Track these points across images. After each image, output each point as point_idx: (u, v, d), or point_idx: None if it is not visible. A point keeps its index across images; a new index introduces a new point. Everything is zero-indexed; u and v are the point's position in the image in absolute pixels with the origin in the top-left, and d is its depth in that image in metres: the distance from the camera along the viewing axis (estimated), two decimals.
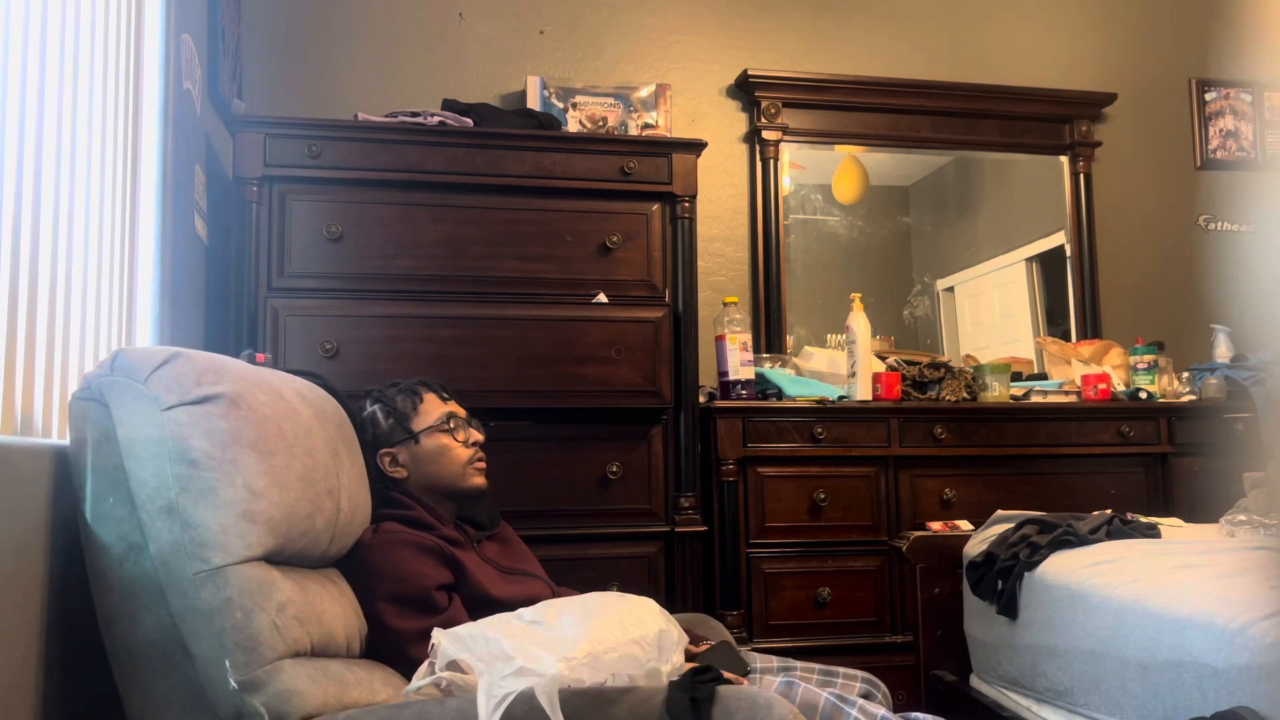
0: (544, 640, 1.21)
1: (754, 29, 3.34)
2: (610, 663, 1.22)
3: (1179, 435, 2.90)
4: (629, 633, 1.27)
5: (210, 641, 1.17)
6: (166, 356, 1.25)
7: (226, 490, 1.21)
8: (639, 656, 1.25)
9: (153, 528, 1.19)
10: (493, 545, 1.75)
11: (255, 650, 1.18)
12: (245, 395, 1.29)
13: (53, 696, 1.22)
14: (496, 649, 1.17)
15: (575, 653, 1.20)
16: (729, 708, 1.16)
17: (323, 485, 1.39)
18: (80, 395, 1.26)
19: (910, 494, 2.73)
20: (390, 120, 2.52)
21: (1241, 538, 2.18)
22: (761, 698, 1.18)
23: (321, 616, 1.33)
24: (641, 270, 2.56)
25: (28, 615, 1.17)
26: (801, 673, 1.67)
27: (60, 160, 1.51)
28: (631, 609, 1.34)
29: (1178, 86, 3.67)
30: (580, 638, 1.23)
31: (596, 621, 1.27)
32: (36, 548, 1.20)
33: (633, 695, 1.18)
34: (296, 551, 1.33)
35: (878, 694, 1.68)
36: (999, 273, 3.50)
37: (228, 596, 1.18)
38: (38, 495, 1.22)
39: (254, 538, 1.22)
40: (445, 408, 1.77)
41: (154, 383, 1.22)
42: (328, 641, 1.33)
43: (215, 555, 1.19)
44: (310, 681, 1.22)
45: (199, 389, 1.24)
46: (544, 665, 1.14)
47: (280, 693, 1.18)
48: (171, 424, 1.21)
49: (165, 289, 1.96)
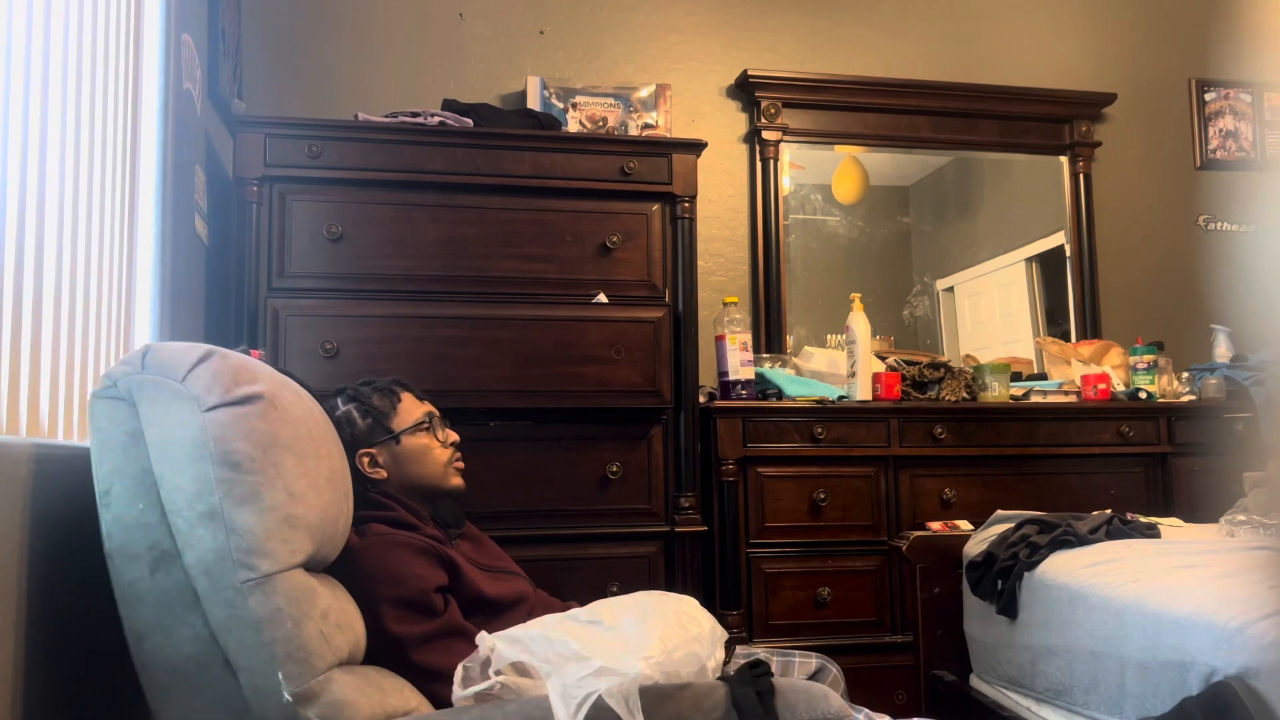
0: (614, 640, 1.20)
1: (754, 29, 3.34)
2: (679, 660, 1.23)
3: (1179, 435, 2.90)
4: (688, 630, 1.29)
5: (259, 653, 1.11)
6: (203, 354, 1.18)
7: (270, 494, 1.15)
8: (700, 654, 1.27)
9: (191, 535, 1.12)
10: (466, 544, 1.74)
11: (308, 661, 1.13)
12: (278, 395, 1.24)
13: (34, 703, 1.15)
14: (564, 649, 1.15)
15: (651, 651, 1.20)
16: (789, 700, 1.20)
17: (341, 487, 1.37)
18: (103, 393, 1.17)
19: (910, 494, 2.73)
20: (390, 120, 2.52)
21: (1241, 538, 2.18)
22: (818, 689, 1.23)
23: (352, 623, 1.30)
24: (641, 270, 2.56)
25: (8, 621, 1.10)
26: (763, 656, 1.70)
27: (62, 160, 1.50)
28: (683, 607, 1.35)
29: (1178, 86, 3.67)
30: (651, 636, 1.22)
31: (658, 620, 1.27)
32: (11, 550, 1.12)
33: (691, 690, 1.19)
34: (322, 557, 1.29)
35: (832, 670, 1.71)
36: (999, 273, 3.50)
37: (277, 605, 1.12)
38: (14, 495, 1.13)
39: (297, 543, 1.18)
40: (423, 407, 1.75)
41: (192, 382, 1.15)
42: (356, 648, 1.30)
43: (263, 562, 1.12)
44: (358, 691, 1.19)
45: (239, 388, 1.17)
46: (626, 664, 1.14)
47: (333, 703, 1.14)
48: (214, 425, 1.13)
49: (165, 289, 1.96)
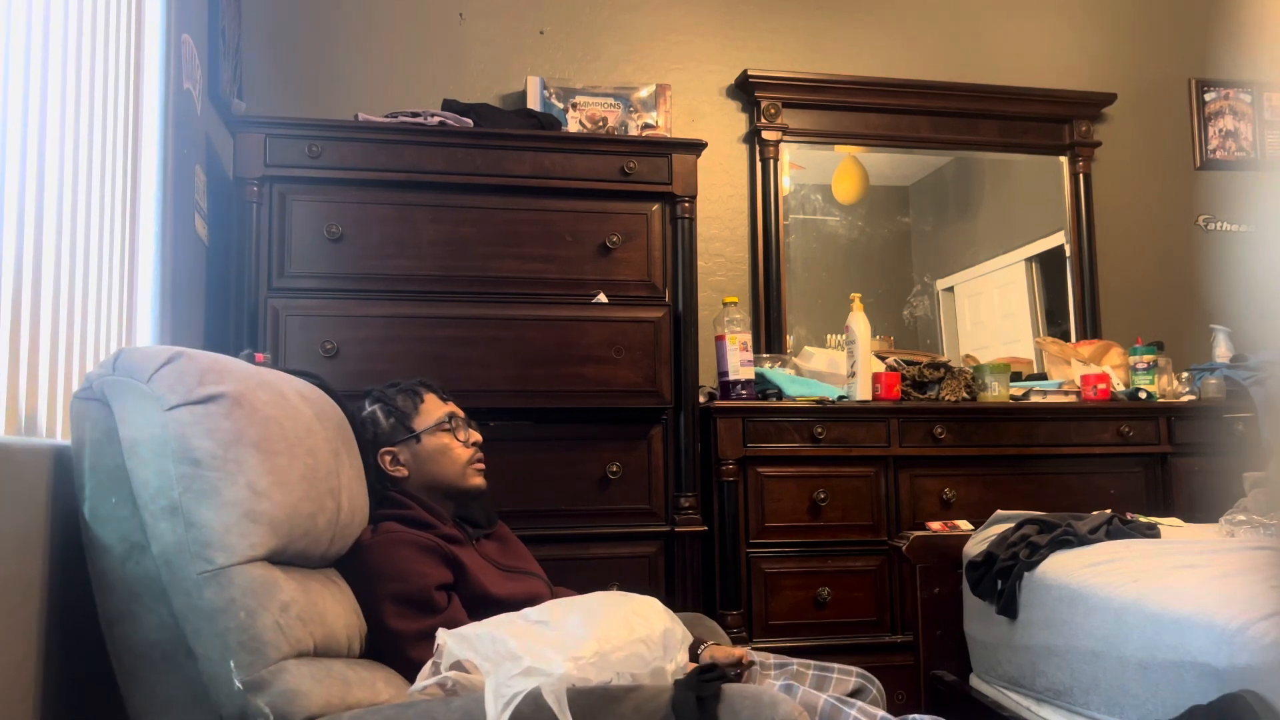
0: (551, 640, 1.21)
1: (754, 29, 3.34)
2: (617, 661, 1.22)
3: (1179, 435, 2.90)
4: (635, 632, 1.27)
5: (214, 642, 1.17)
6: (169, 356, 1.25)
7: (229, 490, 1.21)
8: (645, 655, 1.26)
9: (155, 528, 1.19)
10: (491, 544, 1.76)
11: (259, 650, 1.18)
12: (248, 395, 1.29)
13: (53, 697, 1.22)
14: (503, 649, 1.17)
15: (583, 652, 1.19)
16: (734, 706, 1.17)
17: (324, 485, 1.39)
18: (82, 395, 1.25)
19: (910, 494, 2.73)
20: (390, 120, 2.52)
21: (1241, 538, 2.18)
22: (766, 696, 1.19)
23: (324, 616, 1.33)
24: (641, 270, 2.56)
25: (28, 616, 1.17)
26: (798, 668, 1.68)
27: (62, 161, 1.50)
28: (637, 608, 1.34)
29: (1178, 86, 3.67)
30: (587, 637, 1.22)
31: (603, 621, 1.27)
32: (36, 548, 1.20)
33: (638, 694, 1.19)
34: (299, 551, 1.33)
35: (872, 689, 1.68)
36: (999, 273, 3.50)
37: (231, 597, 1.18)
38: (37, 495, 1.22)
39: (257, 537, 1.22)
40: (446, 407, 1.78)
41: (157, 382, 1.22)
42: (330, 642, 1.33)
43: (219, 555, 1.18)
44: (314, 681, 1.22)
45: (201, 388, 1.23)
46: (552, 665, 1.14)
47: (284, 692, 1.18)
48: (174, 424, 1.20)
49: (165, 289, 1.97)
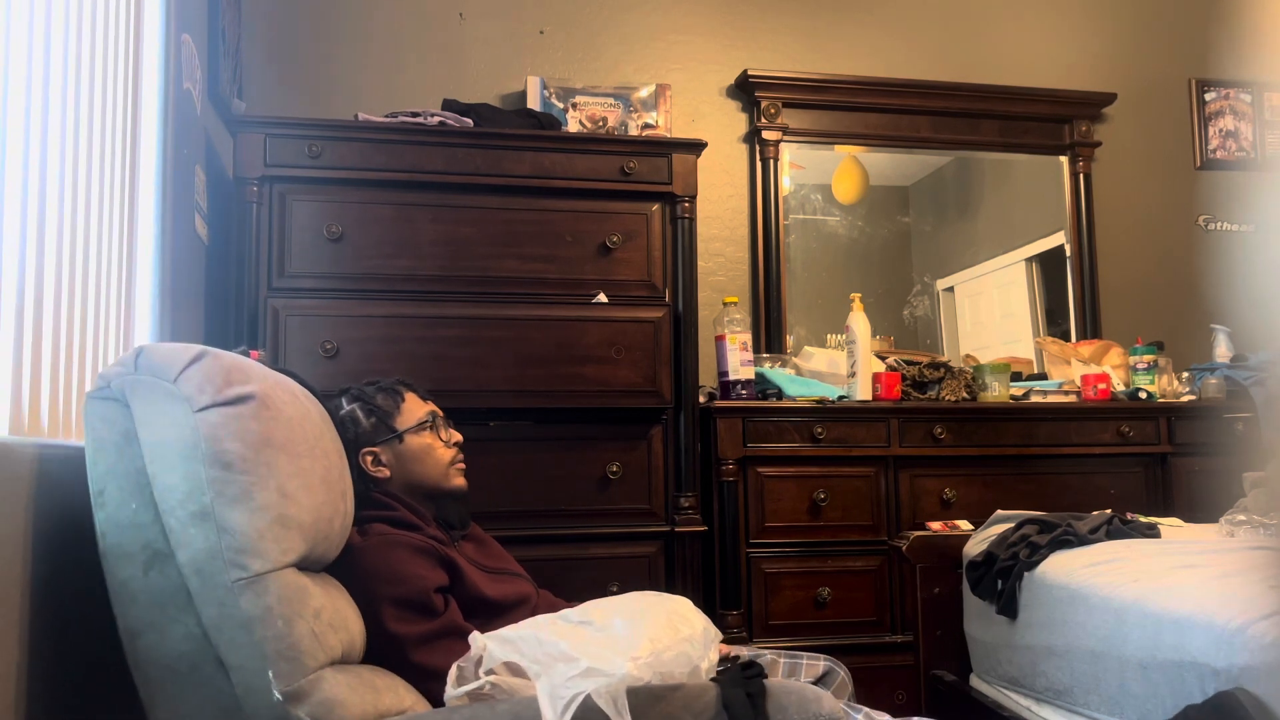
0: (603, 641, 1.20)
1: (754, 29, 3.34)
2: (668, 661, 1.22)
3: (1179, 435, 2.90)
4: (680, 631, 1.28)
5: (251, 651, 1.12)
6: (195, 355, 1.19)
7: (261, 494, 1.16)
8: (691, 655, 1.26)
9: (183, 534, 1.14)
10: (469, 545, 1.73)
11: (298, 660, 1.14)
12: (271, 395, 1.24)
13: (39, 706, 1.16)
14: (554, 650, 1.15)
15: (640, 652, 1.19)
16: (781, 701, 1.19)
17: (338, 487, 1.37)
18: (98, 394, 1.19)
19: (910, 494, 2.73)
20: (390, 120, 2.52)
21: (1241, 538, 2.18)
22: (810, 691, 1.22)
23: (347, 622, 1.31)
24: (641, 270, 2.56)
25: (10, 622, 1.10)
26: (771, 657, 1.70)
27: (62, 160, 1.50)
28: (675, 608, 1.34)
29: (1178, 86, 3.67)
30: (639, 637, 1.22)
31: (649, 621, 1.27)
32: (15, 550, 1.13)
33: (683, 692, 1.18)
34: (317, 556, 1.30)
35: (840, 673, 1.71)
36: (999, 273, 3.50)
37: (268, 605, 1.13)
38: (17, 496, 1.14)
39: (289, 543, 1.18)
40: (426, 406, 1.76)
41: (184, 382, 1.16)
42: (350, 647, 1.31)
43: (254, 562, 1.14)
44: (349, 690, 1.19)
45: (230, 389, 1.18)
46: (613, 665, 1.13)
47: (323, 702, 1.15)
48: (205, 426, 1.15)
49: (165, 289, 1.97)
